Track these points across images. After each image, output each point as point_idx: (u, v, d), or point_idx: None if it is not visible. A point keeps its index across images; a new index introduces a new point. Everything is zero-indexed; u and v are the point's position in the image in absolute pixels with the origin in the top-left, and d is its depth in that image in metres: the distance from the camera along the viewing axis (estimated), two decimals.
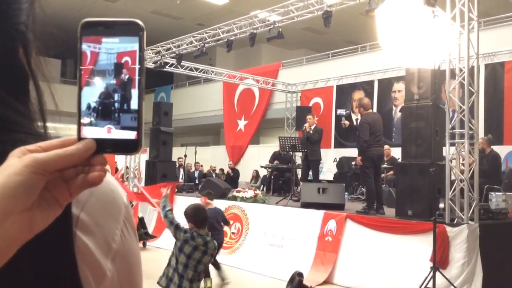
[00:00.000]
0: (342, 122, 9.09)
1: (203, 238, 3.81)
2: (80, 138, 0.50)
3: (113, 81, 0.51)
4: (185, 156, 13.58)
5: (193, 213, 4.00)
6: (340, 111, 9.82)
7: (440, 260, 5.73)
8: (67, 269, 0.54)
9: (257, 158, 15.10)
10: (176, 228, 3.92)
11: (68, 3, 15.29)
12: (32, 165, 0.46)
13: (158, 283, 3.88)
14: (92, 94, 0.51)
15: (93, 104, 0.51)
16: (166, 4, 16.28)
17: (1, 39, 0.57)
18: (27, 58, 0.60)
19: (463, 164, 6.43)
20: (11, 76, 0.58)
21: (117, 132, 0.51)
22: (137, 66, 0.51)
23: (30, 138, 0.56)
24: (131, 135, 0.51)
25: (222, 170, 15.80)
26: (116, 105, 0.51)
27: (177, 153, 13.40)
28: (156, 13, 17.41)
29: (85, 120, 0.51)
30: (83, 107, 0.51)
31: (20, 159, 0.46)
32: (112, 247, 0.59)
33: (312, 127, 9.75)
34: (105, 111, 0.51)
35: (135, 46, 0.51)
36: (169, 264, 3.88)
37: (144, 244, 9.36)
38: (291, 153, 10.25)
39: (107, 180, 0.61)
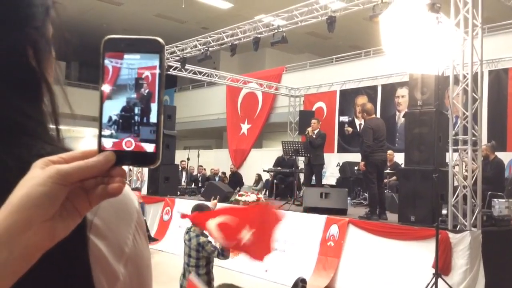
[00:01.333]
0: (345, 129, 9.09)
1: (189, 234, 4.13)
2: (100, 150, 0.52)
3: (134, 95, 0.53)
4: (188, 159, 13.60)
5: (191, 211, 4.34)
6: (342, 118, 9.83)
7: (442, 267, 5.71)
8: (82, 274, 0.55)
9: (260, 162, 15.10)
10: None
11: (72, 6, 15.35)
12: (56, 176, 0.47)
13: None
14: (112, 107, 0.53)
15: (113, 117, 0.53)
16: (171, 8, 16.34)
17: (10, 42, 0.59)
18: (37, 61, 0.61)
19: (466, 171, 6.41)
20: (20, 79, 0.59)
21: (136, 144, 0.53)
22: (156, 82, 0.53)
23: (38, 143, 0.57)
24: (149, 148, 0.53)
25: (224, 173, 15.81)
26: (136, 118, 0.53)
27: (180, 156, 13.42)
28: (161, 17, 17.48)
29: (106, 132, 0.52)
30: (104, 119, 0.53)
31: (43, 170, 0.48)
32: (124, 252, 0.60)
33: (315, 132, 9.75)
34: (125, 124, 0.53)
35: (155, 63, 0.53)
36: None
37: None
38: (294, 157, 10.25)
39: None
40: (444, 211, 6.38)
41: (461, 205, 6.14)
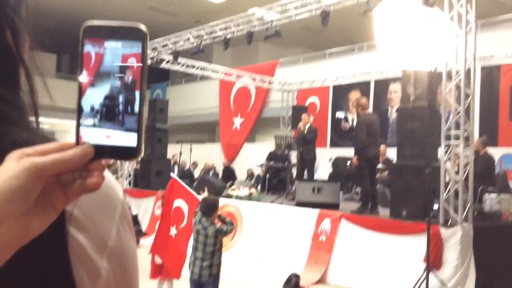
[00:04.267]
0: (342, 125, 9.09)
1: (202, 224, 4.40)
2: (78, 143, 0.49)
3: (117, 84, 0.50)
4: (180, 153, 13.55)
5: (200, 203, 4.61)
6: (339, 114, 9.83)
7: (433, 261, 5.75)
8: (61, 269, 0.52)
9: (253, 156, 15.08)
10: (194, 216, 4.60)
11: None
12: (30, 169, 0.45)
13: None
14: (92, 96, 0.50)
15: (93, 107, 0.50)
16: (164, 1, 16.23)
17: None
18: (15, 43, 0.57)
19: (457, 166, 6.44)
20: (0, 63, 0.56)
21: (117, 138, 0.50)
22: (139, 71, 0.50)
23: (18, 131, 0.54)
24: (131, 140, 0.50)
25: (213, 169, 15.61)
26: (119, 108, 0.50)
27: (172, 150, 13.37)
28: (154, 9, 17.35)
29: (85, 123, 0.50)
30: (85, 109, 0.50)
31: (17, 162, 0.45)
32: (107, 245, 0.57)
33: (307, 126, 9.75)
34: (106, 114, 0.50)
35: (138, 51, 0.50)
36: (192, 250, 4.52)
37: (138, 242, 9.34)
38: (286, 152, 10.24)
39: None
40: (435, 206, 6.41)
41: (452, 200, 6.17)
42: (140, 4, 16.79)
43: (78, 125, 0.50)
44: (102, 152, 0.49)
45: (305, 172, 10.10)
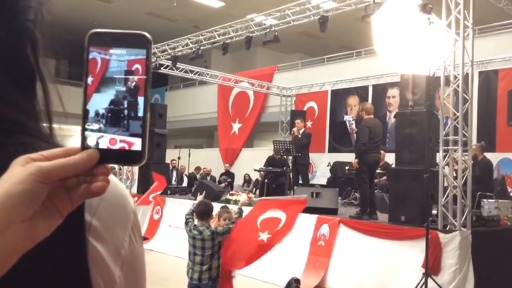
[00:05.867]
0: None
1: (197, 229, 4.40)
2: (83, 148, 0.50)
3: (122, 90, 0.51)
4: (179, 158, 13.54)
5: (195, 207, 4.63)
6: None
7: (432, 266, 5.74)
8: (81, 277, 0.54)
9: (251, 161, 15.08)
10: (185, 225, 4.59)
11: (62, 3, 15.22)
12: (36, 173, 0.45)
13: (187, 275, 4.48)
14: (98, 102, 0.51)
15: (98, 112, 0.51)
16: (162, 6, 16.27)
17: (11, 34, 0.57)
18: (35, 56, 0.59)
19: (456, 171, 6.45)
20: (19, 73, 0.58)
21: (121, 142, 0.51)
22: (144, 78, 0.51)
23: (34, 141, 0.55)
24: (135, 145, 0.51)
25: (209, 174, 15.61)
26: (124, 113, 0.51)
27: (170, 155, 13.36)
28: (152, 15, 17.39)
29: (90, 128, 0.50)
30: (91, 114, 0.51)
31: (24, 167, 0.46)
32: (121, 254, 0.59)
33: (301, 131, 9.77)
34: (111, 119, 0.51)
35: (142, 57, 0.51)
36: (188, 257, 4.53)
37: None
38: (285, 157, 10.25)
39: (116, 184, 0.61)
40: (434, 211, 6.41)
41: (451, 205, 6.18)
42: (139, 9, 16.82)
43: (84, 130, 0.50)
44: (107, 156, 0.50)
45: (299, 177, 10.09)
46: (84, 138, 0.50)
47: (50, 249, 0.48)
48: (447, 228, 6.07)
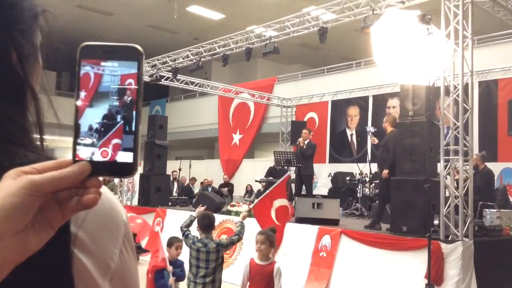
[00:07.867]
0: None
1: (201, 242, 4.43)
2: (75, 160, 0.50)
3: (115, 103, 0.51)
4: (180, 169, 13.53)
5: (198, 219, 4.66)
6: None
7: (435, 277, 5.70)
8: None
9: (252, 172, 15.06)
10: (184, 237, 4.65)
11: (64, 15, 15.32)
12: (28, 187, 0.45)
13: None
14: (91, 115, 0.51)
15: (91, 126, 0.51)
16: (163, 18, 16.37)
17: None
18: (21, 65, 0.59)
19: (457, 181, 6.43)
20: (6, 84, 0.57)
21: (113, 154, 0.51)
22: (135, 91, 0.51)
23: (21, 151, 0.55)
24: (126, 157, 0.51)
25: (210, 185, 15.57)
26: (114, 127, 0.51)
27: (171, 166, 13.35)
28: (152, 27, 17.49)
29: (82, 141, 0.50)
30: (82, 127, 0.51)
31: (15, 180, 0.46)
32: (110, 267, 0.58)
33: (306, 142, 9.76)
34: (104, 132, 0.51)
35: (134, 71, 0.51)
36: (189, 269, 4.52)
37: (138, 258, 9.26)
38: (286, 167, 10.24)
39: (107, 196, 0.60)
40: (436, 221, 6.38)
41: (452, 215, 6.15)
42: (140, 22, 16.93)
43: (75, 143, 0.50)
44: (99, 169, 0.50)
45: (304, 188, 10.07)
46: (75, 151, 0.50)
47: (34, 261, 0.47)
48: (449, 238, 6.04)
